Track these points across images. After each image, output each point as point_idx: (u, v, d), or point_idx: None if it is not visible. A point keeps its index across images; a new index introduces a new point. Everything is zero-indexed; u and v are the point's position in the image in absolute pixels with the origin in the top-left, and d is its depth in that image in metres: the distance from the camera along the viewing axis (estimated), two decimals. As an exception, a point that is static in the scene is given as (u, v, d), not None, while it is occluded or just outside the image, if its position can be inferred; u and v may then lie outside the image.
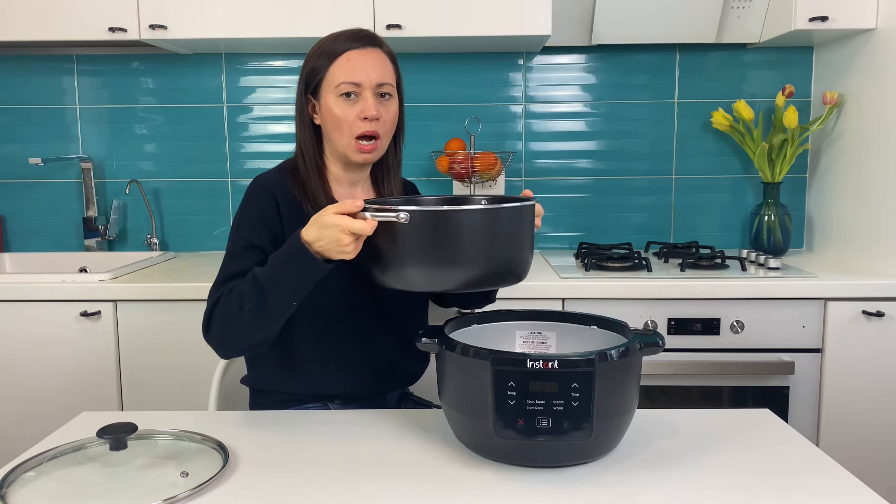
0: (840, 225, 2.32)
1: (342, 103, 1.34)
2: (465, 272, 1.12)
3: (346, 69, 1.33)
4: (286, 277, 1.17)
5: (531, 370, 1.00)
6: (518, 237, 1.17)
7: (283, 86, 2.53)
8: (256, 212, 1.35)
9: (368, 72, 1.33)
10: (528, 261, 1.21)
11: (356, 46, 1.34)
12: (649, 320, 1.96)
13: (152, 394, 2.01)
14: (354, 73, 1.33)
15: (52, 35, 2.17)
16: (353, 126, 1.34)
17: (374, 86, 1.34)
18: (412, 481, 1.03)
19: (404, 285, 1.14)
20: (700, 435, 1.18)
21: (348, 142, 1.35)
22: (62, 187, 2.56)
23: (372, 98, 1.34)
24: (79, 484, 0.99)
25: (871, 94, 2.14)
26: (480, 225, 1.11)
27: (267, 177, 1.40)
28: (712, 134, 2.52)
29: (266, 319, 1.20)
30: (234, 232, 1.36)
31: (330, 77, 1.34)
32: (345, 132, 1.34)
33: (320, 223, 1.13)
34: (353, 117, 1.34)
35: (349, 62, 1.33)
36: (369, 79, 1.34)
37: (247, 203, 1.38)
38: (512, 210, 1.15)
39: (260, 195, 1.37)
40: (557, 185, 2.54)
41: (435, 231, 1.10)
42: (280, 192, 1.37)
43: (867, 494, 0.98)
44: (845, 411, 1.98)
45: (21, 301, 1.98)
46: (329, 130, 1.37)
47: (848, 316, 1.94)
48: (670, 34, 2.35)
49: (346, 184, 1.44)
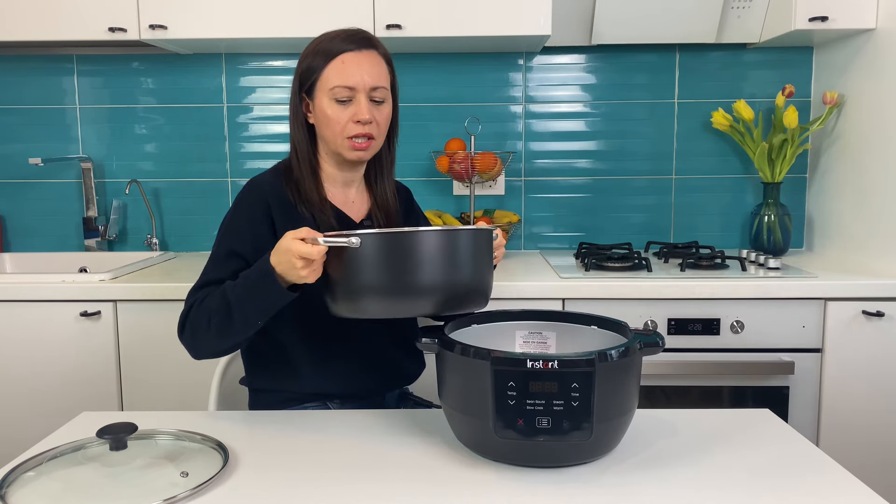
0: (840, 225, 2.32)
1: (335, 106, 1.34)
2: (418, 298, 1.11)
3: (340, 72, 1.33)
4: (251, 300, 1.19)
5: (531, 370, 1.00)
6: (473, 263, 1.15)
7: (283, 86, 2.53)
8: (244, 218, 1.35)
9: (363, 75, 1.33)
10: (484, 289, 1.19)
11: (351, 48, 1.34)
12: (649, 320, 1.96)
13: (152, 394, 2.01)
14: (349, 77, 1.33)
15: (52, 35, 2.17)
16: (345, 128, 1.34)
17: (368, 89, 1.34)
18: (412, 481, 1.03)
19: (361, 313, 1.13)
20: (700, 435, 1.18)
21: (341, 142, 1.36)
22: (62, 187, 2.56)
23: (365, 101, 1.34)
24: (79, 484, 0.99)
25: (871, 94, 2.14)
26: (433, 248, 1.10)
27: (261, 179, 1.40)
28: (712, 134, 2.52)
29: (231, 334, 1.22)
30: (219, 236, 1.36)
31: (324, 78, 1.34)
32: (338, 133, 1.35)
33: (278, 248, 1.14)
34: (346, 120, 1.34)
35: (343, 65, 1.33)
36: (363, 82, 1.33)
37: (236, 208, 1.38)
38: (465, 233, 1.13)
39: (250, 200, 1.37)
40: (557, 185, 2.54)
41: (386, 255, 1.09)
42: (273, 196, 1.37)
43: (867, 494, 0.98)
44: (845, 411, 1.98)
45: (21, 301, 1.98)
46: (322, 130, 1.37)
47: (848, 316, 1.94)
48: (670, 34, 2.35)
49: (340, 183, 1.44)
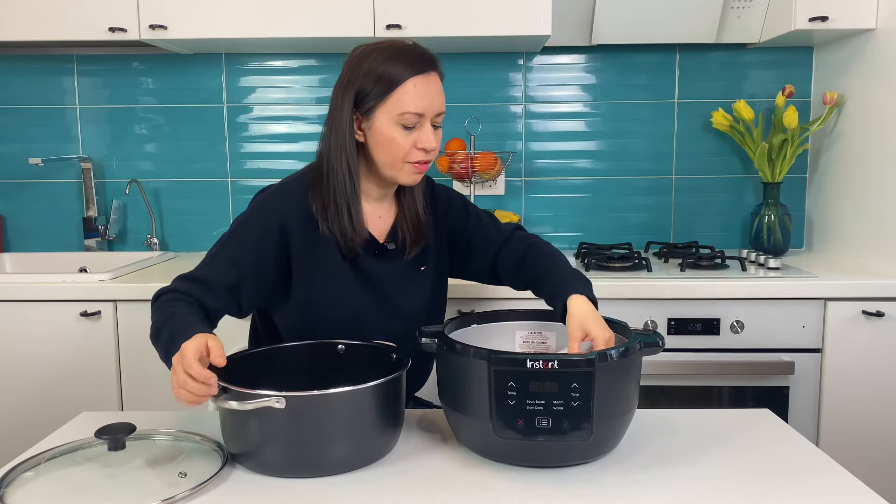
0: (840, 225, 2.32)
1: (401, 130, 1.26)
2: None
3: (412, 98, 1.25)
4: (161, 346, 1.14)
5: (531, 370, 1.00)
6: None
7: (284, 86, 2.53)
8: (255, 229, 1.29)
9: (432, 100, 1.27)
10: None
11: (419, 72, 1.26)
12: (649, 320, 1.96)
13: (152, 394, 2.01)
14: (419, 104, 1.25)
15: (52, 35, 2.17)
16: (408, 154, 1.28)
17: (434, 115, 1.29)
18: (412, 481, 1.02)
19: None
20: (700, 435, 1.18)
21: (400, 165, 1.29)
22: (62, 187, 2.56)
23: (430, 128, 1.28)
24: (77, 484, 0.99)
25: (871, 94, 2.14)
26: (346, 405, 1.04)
27: (284, 188, 1.33)
28: (712, 134, 2.52)
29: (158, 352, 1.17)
30: (226, 236, 1.31)
31: (393, 103, 1.25)
32: (398, 158, 1.28)
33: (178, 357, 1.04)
34: (409, 146, 1.27)
35: (416, 90, 1.25)
36: (432, 109, 1.27)
37: (251, 214, 1.32)
38: None
39: (268, 210, 1.30)
40: (557, 185, 2.54)
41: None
42: (294, 208, 1.30)
43: (867, 494, 0.98)
44: (845, 411, 1.97)
45: (21, 301, 1.98)
46: (378, 153, 1.29)
47: (848, 316, 1.94)
48: (670, 34, 2.35)
49: (374, 199, 1.37)
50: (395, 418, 1.11)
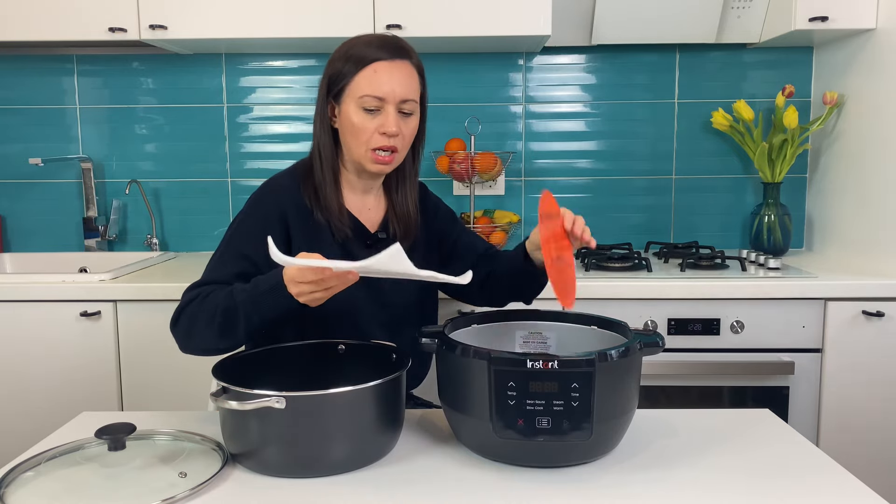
0: (840, 225, 2.32)
1: (362, 114, 1.30)
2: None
3: (371, 81, 1.29)
4: (258, 308, 1.17)
5: (531, 370, 1.00)
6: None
7: (283, 86, 2.53)
8: (258, 222, 1.33)
9: (394, 86, 1.29)
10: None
11: (385, 57, 1.30)
12: (649, 320, 1.96)
13: (152, 394, 2.01)
14: (379, 87, 1.29)
15: (52, 35, 2.17)
16: (370, 139, 1.31)
17: (398, 101, 1.30)
18: (412, 481, 1.02)
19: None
20: (700, 435, 1.18)
21: (364, 152, 1.32)
22: (62, 187, 2.56)
23: (394, 113, 1.30)
24: (77, 484, 0.99)
25: (871, 95, 2.14)
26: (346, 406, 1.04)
27: (278, 182, 1.38)
28: (712, 134, 2.52)
29: (232, 336, 1.21)
30: (229, 236, 1.34)
31: (354, 86, 1.30)
32: (362, 143, 1.31)
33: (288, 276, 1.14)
34: (371, 130, 1.30)
35: (375, 74, 1.29)
36: (394, 94, 1.29)
37: (251, 209, 1.35)
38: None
39: (266, 203, 1.34)
40: (557, 185, 2.54)
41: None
42: (289, 200, 1.34)
43: (867, 494, 0.98)
44: (845, 411, 1.97)
45: (21, 301, 1.98)
46: (346, 137, 1.34)
47: (848, 316, 1.94)
48: (670, 34, 2.35)
49: (360, 191, 1.41)
50: (395, 418, 1.11)
